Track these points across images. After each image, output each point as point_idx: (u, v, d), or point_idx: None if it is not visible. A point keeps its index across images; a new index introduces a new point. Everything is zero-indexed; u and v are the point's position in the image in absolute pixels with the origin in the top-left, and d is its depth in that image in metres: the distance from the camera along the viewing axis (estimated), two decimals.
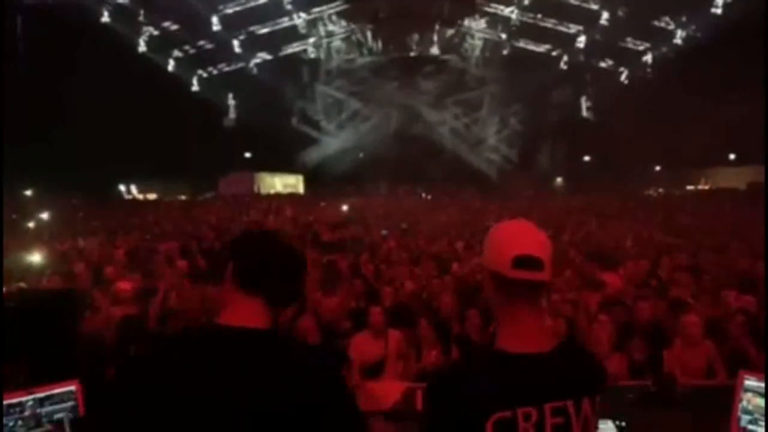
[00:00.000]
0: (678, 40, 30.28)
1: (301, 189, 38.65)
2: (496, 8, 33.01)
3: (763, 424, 2.59)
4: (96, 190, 27.24)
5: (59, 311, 4.41)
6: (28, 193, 25.76)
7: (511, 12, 32.78)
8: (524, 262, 1.43)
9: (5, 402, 2.53)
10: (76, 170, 25.35)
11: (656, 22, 29.41)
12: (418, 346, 5.42)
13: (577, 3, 29.44)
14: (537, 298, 1.49)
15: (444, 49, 36.50)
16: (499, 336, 1.50)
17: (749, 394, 2.64)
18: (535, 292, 1.48)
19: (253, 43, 32.80)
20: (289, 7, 32.29)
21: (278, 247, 1.60)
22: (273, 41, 33.59)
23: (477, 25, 34.72)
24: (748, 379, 2.67)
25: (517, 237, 1.48)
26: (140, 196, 33.99)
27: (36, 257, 8.60)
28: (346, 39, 35.83)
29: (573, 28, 31.41)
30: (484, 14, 33.81)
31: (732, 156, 33.53)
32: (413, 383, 4.78)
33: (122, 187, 34.15)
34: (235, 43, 32.58)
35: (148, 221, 18.16)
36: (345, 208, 24.62)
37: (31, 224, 13.82)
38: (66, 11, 27.49)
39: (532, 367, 1.42)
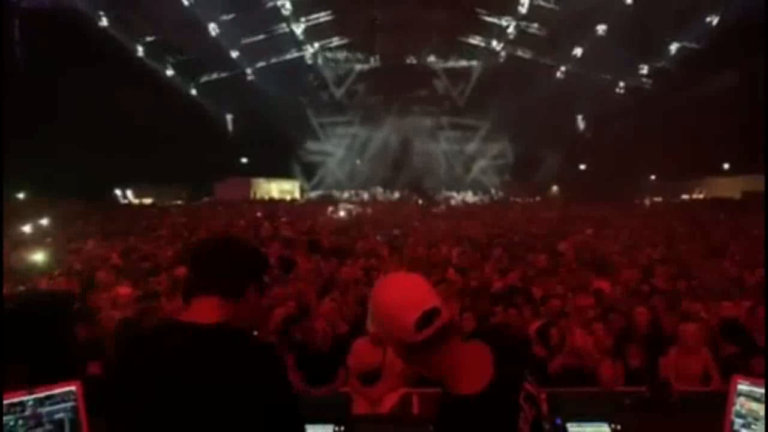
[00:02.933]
0: (674, 51, 30.49)
1: (297, 194, 38.66)
2: (493, 19, 33.20)
3: (756, 428, 2.62)
4: (92, 194, 27.16)
5: (57, 313, 4.43)
6: (21, 196, 25.65)
7: (508, 22, 33.02)
8: (425, 320, 1.44)
9: (6, 401, 2.53)
10: (71, 174, 25.28)
11: (653, 34, 29.58)
12: None
13: (573, 14, 29.60)
14: (453, 336, 1.51)
15: (440, 58, 36.68)
16: (449, 384, 1.51)
17: (742, 398, 2.68)
18: (446, 333, 1.48)
19: (251, 50, 32.82)
20: (286, 14, 32.42)
21: (224, 247, 1.72)
22: (270, 48, 33.64)
23: (474, 34, 34.85)
24: (741, 383, 2.70)
25: (405, 299, 1.48)
26: (136, 201, 33.91)
27: (33, 260, 8.58)
28: (343, 47, 35.89)
29: (570, 39, 31.54)
30: (481, 24, 33.95)
31: (726, 165, 33.72)
32: (409, 389, 4.80)
33: (118, 192, 34.06)
34: (233, 49, 32.63)
35: (143, 226, 18.12)
36: (342, 214, 24.65)
37: (26, 228, 13.77)
38: (64, 15, 27.52)
39: (490, 398, 1.47)
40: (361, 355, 5.14)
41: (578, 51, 32.21)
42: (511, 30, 33.48)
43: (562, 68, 33.44)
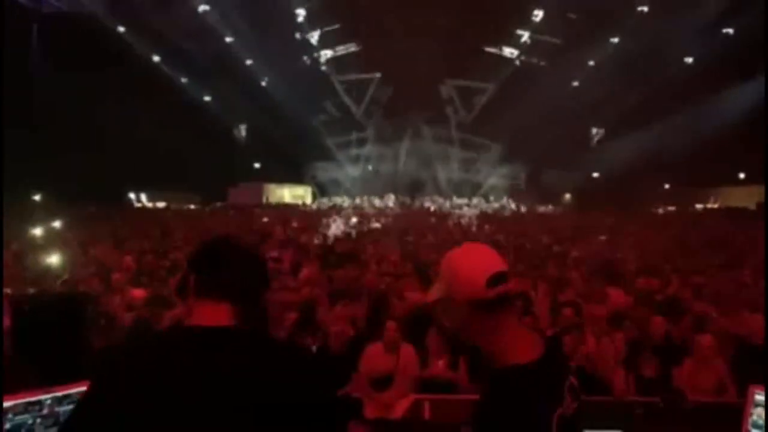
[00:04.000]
0: (688, 59, 30.32)
1: (309, 200, 38.78)
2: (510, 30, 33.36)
3: None
4: (106, 197, 27.42)
5: (72, 315, 4.47)
6: (37, 198, 25.94)
7: (523, 32, 33.11)
8: (497, 279, 1.55)
9: (24, 400, 2.57)
10: (86, 177, 25.53)
11: (665, 42, 29.45)
12: (425, 356, 5.45)
13: (583, 22, 29.59)
14: (514, 306, 1.65)
15: (455, 74, 36.75)
16: (503, 356, 1.56)
17: (759, 409, 2.65)
18: (509, 302, 1.60)
19: (266, 58, 33.01)
20: (300, 20, 32.69)
21: (232, 252, 1.67)
22: (284, 55, 33.83)
23: (488, 43, 34.83)
24: (758, 393, 2.68)
25: (481, 259, 1.59)
26: (149, 205, 34.18)
27: (47, 262, 8.68)
28: (355, 55, 35.93)
29: (581, 48, 31.46)
30: (496, 33, 33.96)
31: (742, 175, 33.38)
32: (421, 395, 4.81)
33: (132, 195, 34.35)
34: (248, 57, 32.90)
35: (158, 230, 18.25)
36: (354, 220, 24.69)
37: (40, 230, 13.92)
38: (81, 21, 27.91)
39: (546, 367, 1.55)
40: (374, 361, 5.17)
41: (592, 61, 32.17)
42: (525, 39, 33.49)
43: (576, 77, 33.32)
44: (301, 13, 32.41)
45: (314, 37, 34.39)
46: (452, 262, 1.61)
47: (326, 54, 35.90)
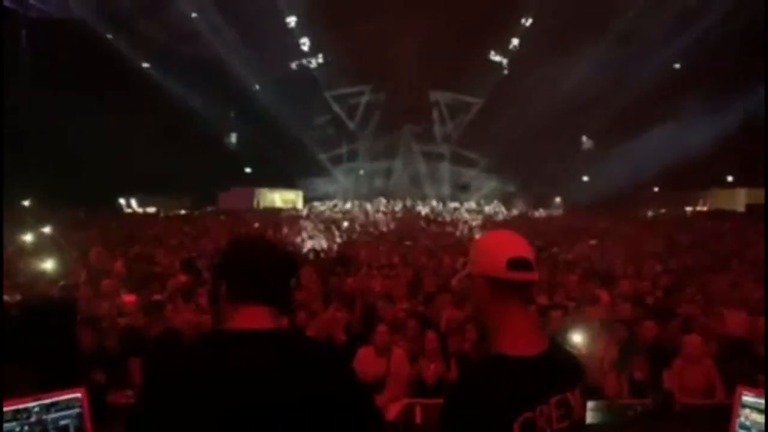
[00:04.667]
0: (677, 64, 30.59)
1: (300, 205, 38.70)
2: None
3: None
4: (96, 202, 27.25)
5: (62, 321, 4.45)
6: (26, 203, 25.74)
7: (511, 37, 33.35)
8: (518, 263, 1.53)
9: (12, 407, 2.55)
10: (75, 182, 25.38)
11: (654, 43, 29.71)
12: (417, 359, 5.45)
13: (576, 29, 29.76)
14: (528, 298, 1.60)
15: (446, 84, 36.93)
16: (498, 342, 1.55)
17: (747, 410, 2.68)
18: (525, 291, 1.58)
19: (257, 62, 32.96)
20: (292, 26, 32.75)
21: (265, 255, 1.64)
22: (275, 59, 33.83)
23: (478, 49, 34.94)
24: (746, 395, 2.70)
25: (508, 242, 1.59)
26: (140, 210, 33.99)
27: (37, 268, 8.60)
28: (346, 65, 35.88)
29: (572, 54, 31.62)
30: (485, 40, 34.11)
31: (730, 178, 33.68)
32: (413, 399, 4.81)
33: (122, 201, 34.15)
34: (239, 61, 32.84)
35: (149, 234, 18.16)
36: (345, 224, 24.67)
37: (30, 236, 13.79)
38: (71, 25, 27.82)
39: (535, 367, 1.50)
40: (366, 365, 5.16)
41: (581, 65, 32.34)
42: (514, 44, 33.69)
43: (566, 84, 33.47)
44: (291, 20, 32.49)
45: (305, 44, 34.47)
46: (480, 241, 1.65)
47: (317, 60, 35.97)
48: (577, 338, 4.87)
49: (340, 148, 39.05)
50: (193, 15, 29.79)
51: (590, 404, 3.61)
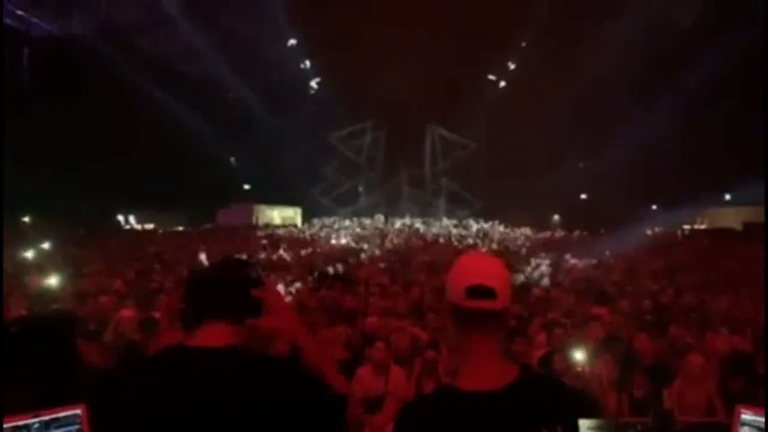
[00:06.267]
0: (675, 81, 30.80)
1: (299, 221, 38.69)
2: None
3: None
4: (95, 219, 27.27)
5: (61, 337, 4.43)
6: (26, 220, 25.71)
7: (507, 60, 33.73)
8: (476, 291, 1.44)
9: (11, 424, 2.54)
10: (74, 199, 25.38)
11: (654, 65, 29.94)
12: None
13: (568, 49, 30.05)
14: (491, 328, 1.49)
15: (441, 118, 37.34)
16: (458, 373, 1.50)
17: (746, 428, 2.68)
18: (488, 321, 1.48)
19: (254, 77, 33.14)
20: (291, 43, 33.11)
21: (222, 273, 1.73)
22: (273, 77, 34.04)
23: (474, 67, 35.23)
24: (744, 413, 2.71)
25: (471, 268, 1.50)
26: (138, 227, 33.98)
27: (37, 284, 8.59)
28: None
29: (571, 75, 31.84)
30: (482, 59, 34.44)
31: (727, 197, 33.78)
32: None
33: (120, 217, 34.14)
34: (238, 80, 33.06)
35: (149, 252, 18.15)
36: (343, 241, 24.68)
37: (29, 252, 13.79)
38: (71, 43, 28.03)
39: (487, 403, 1.41)
40: (365, 383, 5.14)
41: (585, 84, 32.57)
42: (511, 65, 34.18)
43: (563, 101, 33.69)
44: (293, 42, 32.89)
45: (306, 65, 34.88)
46: (454, 266, 1.55)
47: (315, 81, 36.35)
48: (577, 356, 4.87)
49: (341, 172, 39.30)
50: (193, 34, 30.02)
51: (590, 423, 3.60)
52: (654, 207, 35.70)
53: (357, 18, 29.40)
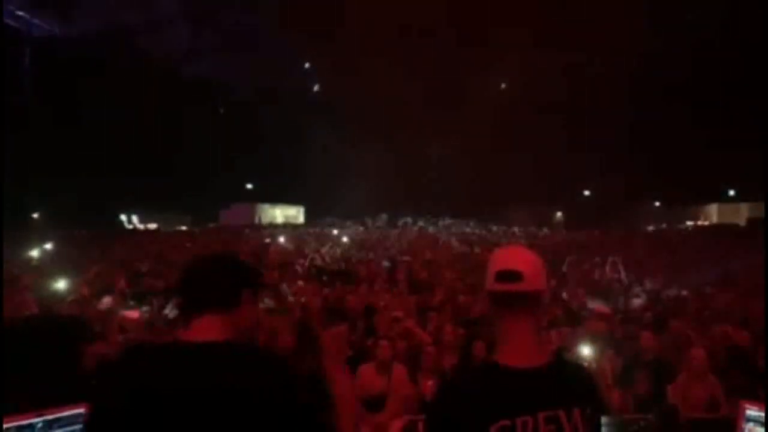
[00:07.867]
0: (679, 80, 30.75)
1: (301, 220, 38.71)
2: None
3: None
4: (98, 219, 27.27)
5: (66, 338, 4.44)
6: (33, 218, 25.79)
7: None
8: (504, 275, 1.56)
9: (15, 424, 2.55)
10: (78, 200, 25.43)
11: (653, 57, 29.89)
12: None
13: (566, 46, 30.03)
14: (522, 309, 1.57)
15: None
16: (497, 351, 1.59)
17: (750, 424, 2.67)
18: (517, 302, 1.56)
19: (258, 78, 33.17)
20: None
21: (212, 261, 1.75)
22: (277, 78, 34.05)
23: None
24: (749, 409, 2.70)
25: (501, 257, 1.62)
26: (141, 226, 34.01)
27: (41, 285, 8.60)
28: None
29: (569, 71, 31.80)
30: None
31: (731, 192, 33.70)
32: (415, 416, 4.78)
33: (123, 217, 34.17)
34: (244, 81, 33.11)
35: (152, 251, 18.16)
36: (345, 240, 24.66)
37: (34, 253, 13.84)
38: (73, 44, 28.03)
39: (526, 379, 1.51)
40: (366, 381, 5.13)
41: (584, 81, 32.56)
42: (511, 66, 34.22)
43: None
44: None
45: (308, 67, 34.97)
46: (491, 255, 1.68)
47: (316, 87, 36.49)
48: (580, 353, 4.86)
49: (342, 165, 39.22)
50: (194, 34, 30.06)
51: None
52: (657, 204, 35.65)
53: (357, 18, 29.41)
